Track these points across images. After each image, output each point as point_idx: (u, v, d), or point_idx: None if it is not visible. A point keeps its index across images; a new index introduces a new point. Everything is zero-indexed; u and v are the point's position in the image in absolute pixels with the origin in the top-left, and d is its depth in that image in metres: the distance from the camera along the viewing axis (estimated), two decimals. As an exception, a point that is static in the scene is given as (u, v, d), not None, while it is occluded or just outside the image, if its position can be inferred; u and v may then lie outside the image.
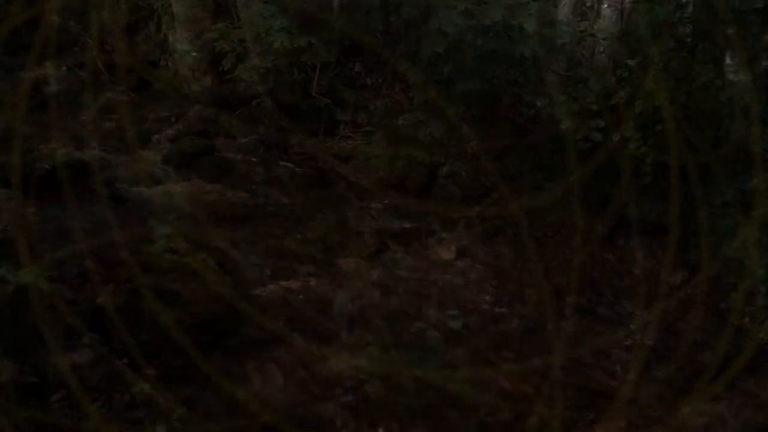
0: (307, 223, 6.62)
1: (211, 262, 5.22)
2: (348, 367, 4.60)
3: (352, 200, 7.45)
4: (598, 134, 6.64)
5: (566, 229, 6.67)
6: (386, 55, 9.22)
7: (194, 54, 9.09)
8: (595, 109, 6.76)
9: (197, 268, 4.98)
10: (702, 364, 5.00)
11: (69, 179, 5.92)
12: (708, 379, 4.80)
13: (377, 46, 9.31)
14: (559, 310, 5.65)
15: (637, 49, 6.79)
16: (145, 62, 9.58)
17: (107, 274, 4.66)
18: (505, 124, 8.05)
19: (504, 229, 7.04)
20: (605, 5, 8.48)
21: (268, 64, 8.77)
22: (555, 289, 5.96)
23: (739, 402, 4.72)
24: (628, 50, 6.89)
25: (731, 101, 6.45)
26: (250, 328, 4.80)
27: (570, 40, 7.89)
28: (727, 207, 5.79)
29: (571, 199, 6.60)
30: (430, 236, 7.00)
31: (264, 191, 7.24)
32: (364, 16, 9.38)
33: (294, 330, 4.86)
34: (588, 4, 7.48)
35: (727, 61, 6.64)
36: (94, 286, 4.55)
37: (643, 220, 6.45)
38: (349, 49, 9.37)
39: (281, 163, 7.98)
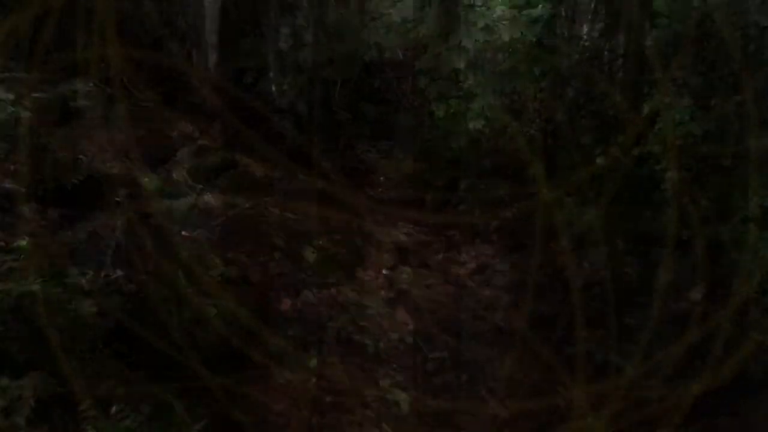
0: (329, 236, 6.63)
1: (236, 275, 5.24)
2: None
3: (373, 213, 7.45)
4: (617, 149, 6.59)
5: (586, 243, 6.63)
6: (406, 70, 9.25)
7: (218, 69, 9.16)
8: (615, 124, 6.72)
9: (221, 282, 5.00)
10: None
11: (95, 192, 5.97)
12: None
13: (398, 61, 9.35)
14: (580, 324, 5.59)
15: (655, 65, 6.75)
16: (169, 77, 9.64)
17: (132, 285, 4.69)
18: (525, 138, 8.03)
19: (524, 242, 7.01)
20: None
21: (291, 79, 8.83)
22: (574, 303, 5.90)
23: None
24: (648, 66, 6.85)
25: (750, 116, 6.39)
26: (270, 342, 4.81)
27: (590, 55, 7.86)
28: (748, 222, 5.73)
29: (591, 213, 6.55)
30: (450, 249, 6.99)
31: (286, 205, 7.26)
32: (384, 33, 9.42)
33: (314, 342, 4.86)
34: (608, 21, 7.45)
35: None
36: (120, 297, 4.57)
37: (664, 235, 6.38)
38: (369, 64, 9.40)
39: (303, 177, 8.01)
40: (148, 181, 6.36)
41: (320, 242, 6.48)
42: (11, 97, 5.62)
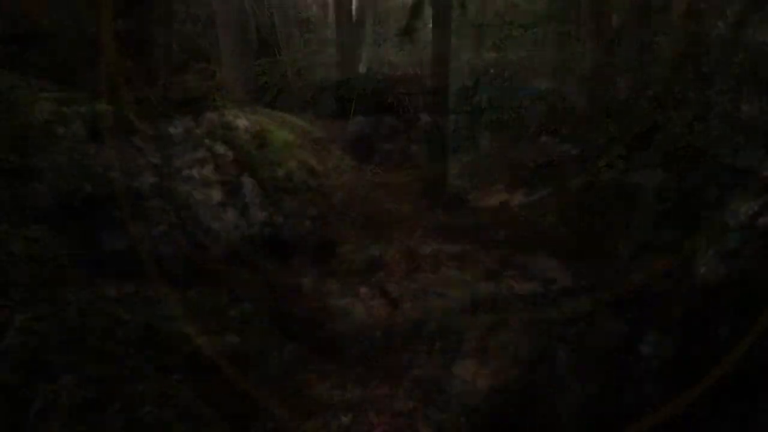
0: (343, 246, 6.65)
1: (265, 282, 5.27)
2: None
3: (385, 224, 7.47)
4: (620, 161, 6.59)
5: (591, 251, 6.61)
6: (418, 87, 9.28)
7: (240, 87, 9.24)
8: (618, 137, 6.72)
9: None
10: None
11: (125, 205, 6.01)
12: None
13: (410, 78, 9.39)
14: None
15: (656, 80, 6.76)
16: (193, 96, 9.70)
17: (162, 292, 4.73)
18: (531, 151, 8.04)
19: (531, 251, 7.01)
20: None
21: (308, 96, 8.89)
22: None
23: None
24: (648, 81, 6.85)
25: (746, 128, 6.37)
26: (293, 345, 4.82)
27: (592, 72, 7.88)
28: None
29: (594, 223, 6.55)
30: (458, 258, 6.99)
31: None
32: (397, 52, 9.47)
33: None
34: (610, 38, 7.46)
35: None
36: (151, 303, 4.61)
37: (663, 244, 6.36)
38: (383, 81, 9.45)
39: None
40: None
41: (340, 249, 6.50)
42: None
